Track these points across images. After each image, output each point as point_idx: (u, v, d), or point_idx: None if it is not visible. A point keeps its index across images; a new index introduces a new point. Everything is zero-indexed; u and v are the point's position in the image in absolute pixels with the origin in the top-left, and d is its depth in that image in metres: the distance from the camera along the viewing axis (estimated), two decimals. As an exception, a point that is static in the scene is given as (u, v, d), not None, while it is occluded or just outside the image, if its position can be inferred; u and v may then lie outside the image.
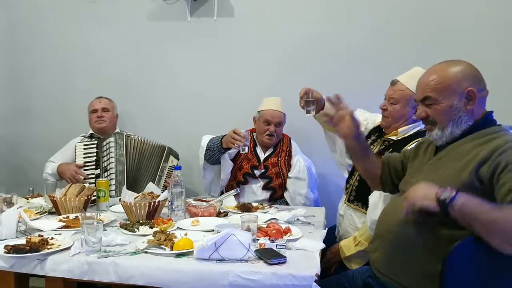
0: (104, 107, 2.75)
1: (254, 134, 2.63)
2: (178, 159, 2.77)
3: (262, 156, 2.57)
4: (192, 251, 1.46)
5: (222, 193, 2.55)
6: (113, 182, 2.45)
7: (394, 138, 1.98)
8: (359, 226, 1.97)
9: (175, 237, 1.59)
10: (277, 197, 2.55)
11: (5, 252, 1.45)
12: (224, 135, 2.36)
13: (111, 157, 2.53)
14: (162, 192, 2.08)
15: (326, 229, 1.86)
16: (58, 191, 2.09)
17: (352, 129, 1.56)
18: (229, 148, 2.35)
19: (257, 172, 2.52)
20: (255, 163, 2.54)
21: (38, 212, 2.02)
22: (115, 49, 3.09)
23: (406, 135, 1.95)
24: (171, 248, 1.50)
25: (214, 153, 2.42)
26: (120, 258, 1.44)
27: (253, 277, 1.33)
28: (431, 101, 1.40)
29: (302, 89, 1.96)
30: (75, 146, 2.63)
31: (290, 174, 2.53)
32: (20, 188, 2.40)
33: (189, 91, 3.02)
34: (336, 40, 2.81)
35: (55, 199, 2.00)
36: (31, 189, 2.43)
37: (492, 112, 1.43)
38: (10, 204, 1.86)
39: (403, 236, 1.37)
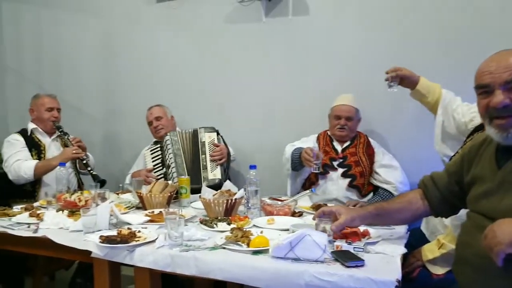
0: (157, 116, 2.90)
1: (329, 132, 2.66)
2: (215, 131, 2.80)
3: (339, 148, 2.59)
4: (268, 249, 1.47)
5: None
6: (175, 175, 2.59)
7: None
8: (446, 223, 1.85)
9: (251, 234, 1.61)
10: (358, 185, 2.49)
11: (100, 242, 1.59)
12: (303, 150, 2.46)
13: (170, 154, 2.70)
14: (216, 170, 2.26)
15: (408, 232, 1.76)
16: (144, 187, 2.24)
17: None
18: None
19: (335, 163, 2.53)
20: (333, 155, 2.56)
21: (127, 207, 2.18)
22: (194, 54, 3.21)
23: None
24: (248, 245, 1.52)
25: (296, 165, 2.52)
26: (200, 253, 1.50)
27: (330, 278, 1.30)
28: None
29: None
30: (144, 154, 2.88)
31: (383, 162, 2.51)
32: (110, 184, 2.61)
33: (266, 92, 3.04)
34: (414, 34, 2.65)
35: (141, 195, 2.15)
36: (121, 185, 2.65)
37: None
38: (103, 199, 2.05)
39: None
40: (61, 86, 3.57)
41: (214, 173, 2.65)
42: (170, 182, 2.36)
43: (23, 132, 2.84)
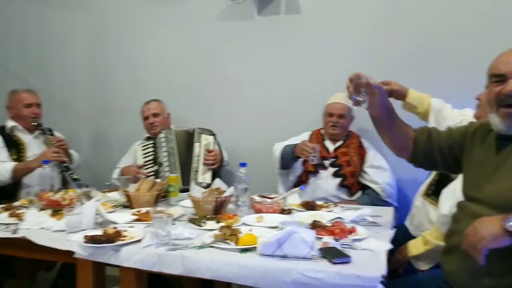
0: (154, 112, 2.84)
1: (322, 130, 2.69)
2: (213, 135, 2.79)
3: (331, 147, 2.61)
4: (256, 247, 1.47)
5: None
6: (168, 174, 2.56)
7: None
8: (433, 220, 1.88)
9: (240, 232, 1.61)
10: (348, 184, 2.52)
11: (84, 242, 1.57)
12: (296, 144, 2.49)
13: (164, 152, 2.68)
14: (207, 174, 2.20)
15: (394, 229, 1.77)
16: (132, 186, 2.22)
17: (378, 97, 1.45)
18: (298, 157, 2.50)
19: (327, 162, 2.55)
20: (325, 154, 2.57)
21: (114, 206, 2.15)
22: (185, 51, 3.19)
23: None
24: (236, 243, 1.52)
25: (288, 161, 2.56)
26: (188, 251, 1.49)
27: (317, 275, 1.31)
28: None
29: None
30: (135, 149, 2.82)
31: (373, 163, 2.53)
32: (97, 183, 2.59)
33: (257, 90, 3.04)
34: (408, 34, 2.67)
35: (129, 193, 2.13)
36: (108, 183, 2.62)
37: None
38: (89, 197, 2.02)
39: None
40: (48, 82, 3.52)
41: (204, 176, 2.66)
42: (159, 180, 2.35)
43: (1, 131, 2.72)
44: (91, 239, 1.57)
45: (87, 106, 3.53)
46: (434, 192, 1.96)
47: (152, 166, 2.74)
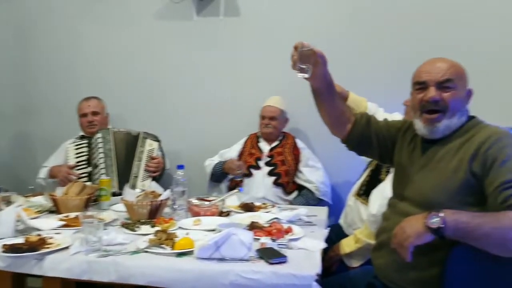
0: (94, 110, 2.71)
1: (259, 132, 2.78)
2: (158, 141, 2.73)
3: (267, 147, 2.70)
4: (193, 251, 1.44)
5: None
6: (103, 177, 2.43)
7: None
8: (364, 218, 1.97)
9: (176, 236, 1.58)
10: (283, 183, 2.59)
11: (2, 252, 1.44)
12: (225, 161, 2.66)
13: (100, 153, 2.55)
14: (147, 180, 2.08)
15: (328, 228, 1.84)
16: (59, 189, 2.08)
17: (321, 67, 1.51)
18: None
19: (261, 163, 2.64)
20: (259, 155, 2.67)
21: (38, 211, 2.01)
22: (121, 49, 3.09)
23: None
24: (172, 248, 1.49)
25: (218, 177, 2.71)
26: (121, 257, 1.43)
27: (254, 276, 1.32)
28: (451, 84, 1.36)
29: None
30: (66, 148, 2.64)
31: (308, 162, 2.63)
32: (21, 187, 2.40)
33: (195, 91, 3.02)
34: (343, 37, 2.79)
35: (55, 197, 1.99)
36: (31, 187, 2.43)
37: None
38: (8, 203, 1.86)
39: None
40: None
41: (143, 183, 2.58)
42: (89, 183, 2.22)
43: None
44: (10, 248, 1.45)
45: (8, 105, 3.27)
46: (365, 192, 2.06)
47: (86, 167, 2.58)
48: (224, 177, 2.70)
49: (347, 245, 1.89)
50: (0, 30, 3.24)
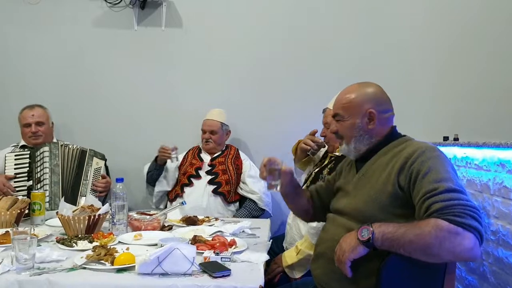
0: (38, 121, 2.54)
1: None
2: (104, 159, 2.65)
3: (208, 157, 2.74)
4: (134, 266, 1.41)
5: (167, 203, 2.69)
6: (47, 194, 2.32)
7: (338, 154, 2.08)
8: (303, 232, 2.03)
9: (116, 251, 1.54)
10: (223, 192, 2.62)
11: None
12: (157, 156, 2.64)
13: (45, 168, 2.41)
14: (92, 198, 2.04)
15: (271, 241, 1.88)
16: (-14, 204, 1.94)
17: (289, 176, 1.62)
18: (165, 163, 2.65)
19: (202, 172, 2.67)
20: (199, 164, 2.69)
21: (-38, 228, 1.86)
22: (55, 55, 2.97)
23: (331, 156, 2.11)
24: (112, 263, 1.44)
25: (153, 173, 2.68)
26: (56, 275, 1.37)
27: (197, 290, 1.31)
28: (339, 117, 1.52)
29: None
30: (5, 156, 2.46)
31: (250, 173, 2.68)
32: None
33: (133, 102, 2.97)
34: (283, 51, 2.90)
35: (-17, 213, 1.86)
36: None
37: (395, 126, 1.54)
38: None
39: None
40: None
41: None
42: (20, 197, 2.09)
43: None
44: None
45: None
46: None
47: (26, 180, 2.41)
48: (159, 170, 2.67)
49: (289, 257, 1.93)
50: None
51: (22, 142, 2.59)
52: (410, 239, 1.20)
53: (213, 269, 1.39)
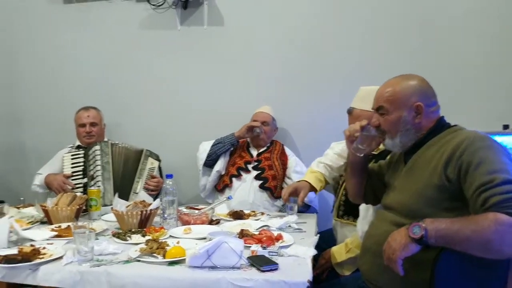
0: (93, 121, 2.69)
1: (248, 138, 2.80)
2: (159, 160, 2.75)
3: (255, 152, 2.75)
4: (184, 259, 1.46)
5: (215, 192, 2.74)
6: (101, 189, 2.43)
7: (376, 153, 2.01)
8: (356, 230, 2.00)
9: (168, 245, 1.59)
10: (270, 187, 2.60)
11: (-3, 262, 1.45)
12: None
13: (97, 165, 2.54)
14: (144, 194, 2.11)
15: (318, 235, 1.86)
16: (49, 200, 2.08)
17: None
18: (241, 138, 2.72)
19: (250, 165, 2.67)
20: (248, 158, 2.71)
21: (30, 222, 2.01)
22: (105, 58, 3.09)
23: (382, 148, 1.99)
24: (164, 256, 1.50)
25: (224, 145, 2.71)
26: (113, 267, 1.44)
27: (246, 284, 1.34)
28: (383, 111, 1.47)
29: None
30: (63, 157, 2.62)
31: (296, 169, 2.66)
32: (10, 198, 2.39)
33: (178, 100, 3.03)
34: (325, 46, 2.85)
35: (46, 208, 2.00)
36: (22, 198, 2.42)
37: (443, 116, 1.48)
38: (1, 214, 1.86)
39: None
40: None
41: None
42: (78, 194, 2.22)
43: None
44: (5, 259, 1.45)
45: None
46: (346, 212, 2.06)
47: (82, 178, 2.56)
48: (233, 145, 2.71)
49: (338, 254, 1.89)
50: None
51: (77, 143, 2.75)
52: (467, 236, 1.16)
53: (261, 263, 1.41)
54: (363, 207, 1.82)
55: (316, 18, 2.85)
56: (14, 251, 1.53)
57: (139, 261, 1.49)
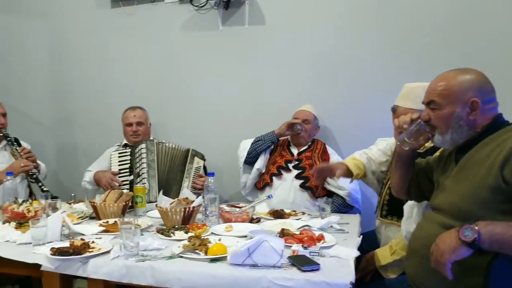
0: (139, 121, 2.77)
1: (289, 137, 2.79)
2: (204, 160, 2.79)
3: (296, 151, 2.73)
4: (226, 256, 1.48)
5: (255, 189, 2.75)
6: (147, 186, 2.51)
7: (421, 151, 1.93)
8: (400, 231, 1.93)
9: (209, 242, 1.61)
10: (311, 186, 2.57)
11: (51, 254, 1.53)
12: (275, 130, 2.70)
13: (143, 163, 2.61)
14: (187, 191, 2.18)
15: (361, 236, 1.82)
16: (98, 197, 2.18)
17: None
18: (281, 136, 2.70)
19: (290, 164, 2.66)
20: (289, 157, 2.69)
21: (80, 217, 2.11)
22: (150, 59, 3.17)
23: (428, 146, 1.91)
24: (206, 253, 1.52)
25: (265, 143, 2.72)
26: (157, 262, 1.48)
27: (287, 283, 1.33)
28: (435, 105, 1.39)
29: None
30: (110, 155, 2.73)
31: None
32: (62, 194, 2.51)
33: (221, 100, 3.06)
34: (368, 44, 2.78)
35: (95, 204, 2.09)
36: (73, 195, 2.54)
37: (501, 114, 1.39)
38: (54, 209, 1.96)
39: None
40: (7, 92, 3.40)
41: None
42: (125, 191, 2.31)
43: None
44: (58, 252, 1.53)
45: (49, 116, 3.43)
46: (389, 212, 2.01)
47: (128, 175, 2.66)
48: (273, 142, 2.72)
49: (382, 257, 1.82)
50: (38, 46, 3.39)
51: (124, 141, 2.85)
52: None
53: (302, 263, 1.40)
54: (407, 207, 1.76)
55: (359, 16, 2.79)
56: (66, 244, 1.61)
57: (182, 257, 1.52)
